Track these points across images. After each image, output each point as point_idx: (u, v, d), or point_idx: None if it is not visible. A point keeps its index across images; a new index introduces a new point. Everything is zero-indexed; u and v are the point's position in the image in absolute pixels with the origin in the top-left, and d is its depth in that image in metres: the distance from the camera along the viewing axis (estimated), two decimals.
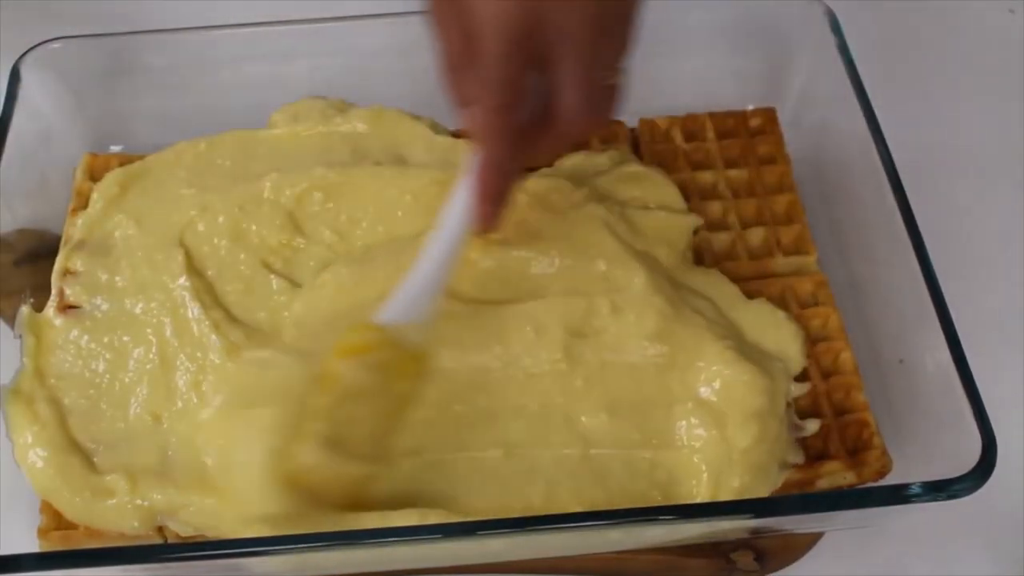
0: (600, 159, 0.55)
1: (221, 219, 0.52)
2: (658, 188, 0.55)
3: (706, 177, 0.57)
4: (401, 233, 0.52)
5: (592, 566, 0.50)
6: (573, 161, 0.56)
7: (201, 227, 0.52)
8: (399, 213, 0.53)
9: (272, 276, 0.51)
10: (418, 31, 0.57)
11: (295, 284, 0.51)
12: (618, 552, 0.50)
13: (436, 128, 0.56)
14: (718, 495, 0.45)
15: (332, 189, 0.53)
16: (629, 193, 0.54)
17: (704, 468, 0.46)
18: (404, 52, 0.58)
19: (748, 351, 0.49)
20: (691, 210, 0.55)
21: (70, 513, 0.46)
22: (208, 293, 0.50)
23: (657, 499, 0.45)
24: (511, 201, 0.44)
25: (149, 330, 0.49)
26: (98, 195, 0.54)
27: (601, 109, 0.43)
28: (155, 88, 0.58)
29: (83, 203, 0.54)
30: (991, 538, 0.52)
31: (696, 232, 0.54)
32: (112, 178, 0.54)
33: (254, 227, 0.52)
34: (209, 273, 0.51)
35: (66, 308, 0.50)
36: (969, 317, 0.47)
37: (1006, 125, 0.65)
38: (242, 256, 0.51)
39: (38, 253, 0.54)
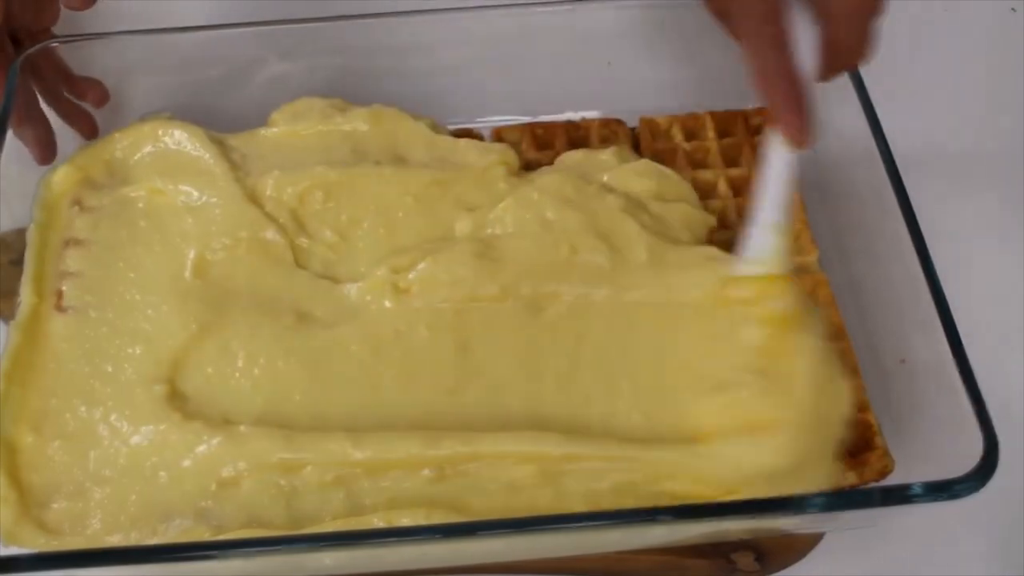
0: (604, 156, 0.55)
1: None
2: (672, 183, 0.54)
3: (707, 176, 0.57)
4: (402, 235, 0.52)
5: (592, 566, 0.50)
6: (575, 159, 0.55)
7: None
8: (400, 214, 0.53)
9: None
10: (417, 31, 0.57)
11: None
12: (619, 552, 0.49)
13: (436, 128, 0.56)
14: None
15: (333, 188, 0.53)
16: (643, 186, 0.54)
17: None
18: (404, 52, 0.58)
19: None
20: None
21: None
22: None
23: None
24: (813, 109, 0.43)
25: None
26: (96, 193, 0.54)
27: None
28: (154, 87, 0.58)
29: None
30: (993, 538, 0.52)
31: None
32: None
33: None
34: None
35: (63, 308, 0.50)
36: (971, 316, 0.47)
37: (1008, 124, 0.65)
38: None
39: None
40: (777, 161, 0.46)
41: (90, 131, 0.58)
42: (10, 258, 0.54)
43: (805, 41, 0.44)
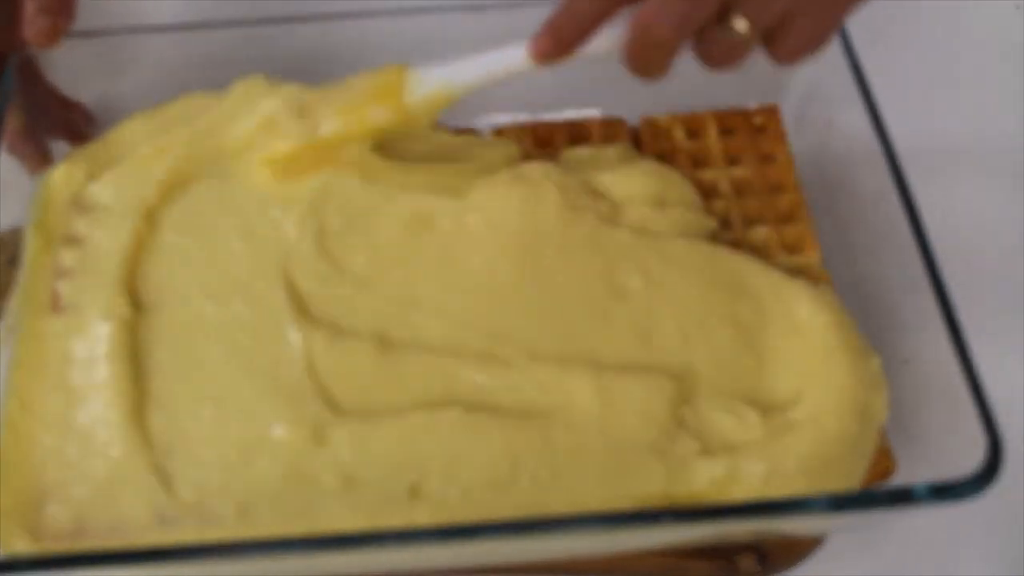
0: (608, 153, 0.55)
1: None
2: (674, 185, 0.54)
3: (708, 175, 0.56)
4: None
5: (593, 568, 0.50)
6: (578, 155, 0.55)
7: None
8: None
9: None
10: (417, 30, 0.57)
11: None
12: (620, 554, 0.49)
13: (435, 126, 0.56)
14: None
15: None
16: (643, 189, 0.53)
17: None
18: (403, 51, 0.57)
19: None
20: None
21: None
22: None
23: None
24: (571, 51, 0.46)
25: None
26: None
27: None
28: (152, 86, 0.58)
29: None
30: (994, 539, 0.52)
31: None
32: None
33: None
34: None
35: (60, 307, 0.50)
36: (975, 317, 0.47)
37: (1012, 122, 0.65)
38: None
39: None
40: (513, 51, 0.47)
41: (81, 140, 0.57)
42: (7, 257, 0.54)
43: None
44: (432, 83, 0.49)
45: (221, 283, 0.50)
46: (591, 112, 0.59)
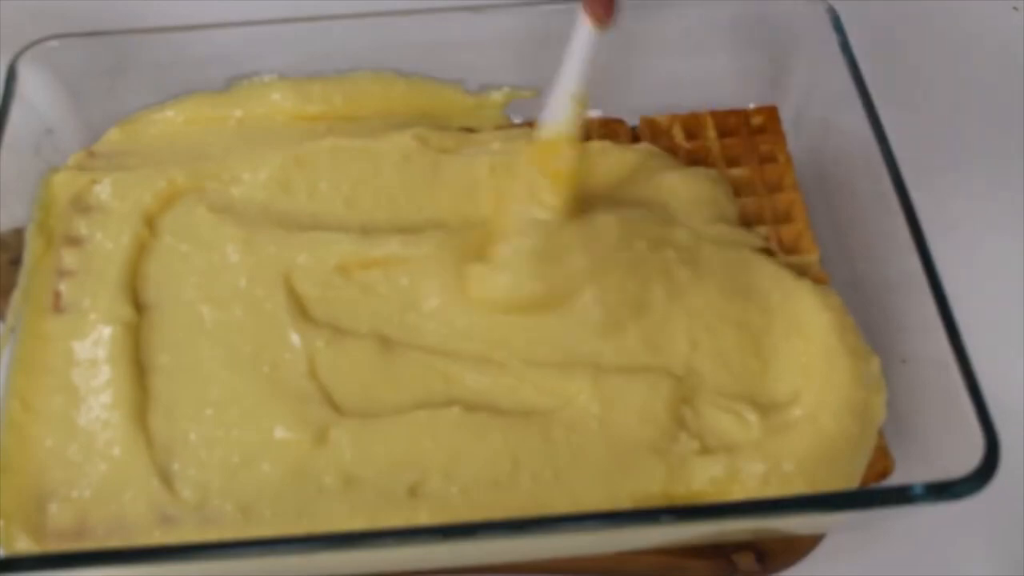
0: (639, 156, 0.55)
1: None
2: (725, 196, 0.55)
3: None
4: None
5: (591, 567, 0.50)
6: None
7: None
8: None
9: None
10: (418, 31, 0.57)
11: None
12: (618, 553, 0.49)
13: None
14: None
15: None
16: (695, 194, 0.54)
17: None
18: (404, 52, 0.58)
19: None
20: None
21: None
22: None
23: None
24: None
25: None
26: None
27: None
28: (154, 87, 0.58)
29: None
30: (993, 538, 0.52)
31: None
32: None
33: None
34: None
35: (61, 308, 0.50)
36: (972, 317, 0.47)
37: (1009, 123, 0.65)
38: None
39: None
40: (582, 37, 0.48)
41: None
42: (9, 257, 0.54)
43: None
44: (562, 108, 0.49)
45: (221, 285, 0.50)
46: (591, 112, 0.59)
